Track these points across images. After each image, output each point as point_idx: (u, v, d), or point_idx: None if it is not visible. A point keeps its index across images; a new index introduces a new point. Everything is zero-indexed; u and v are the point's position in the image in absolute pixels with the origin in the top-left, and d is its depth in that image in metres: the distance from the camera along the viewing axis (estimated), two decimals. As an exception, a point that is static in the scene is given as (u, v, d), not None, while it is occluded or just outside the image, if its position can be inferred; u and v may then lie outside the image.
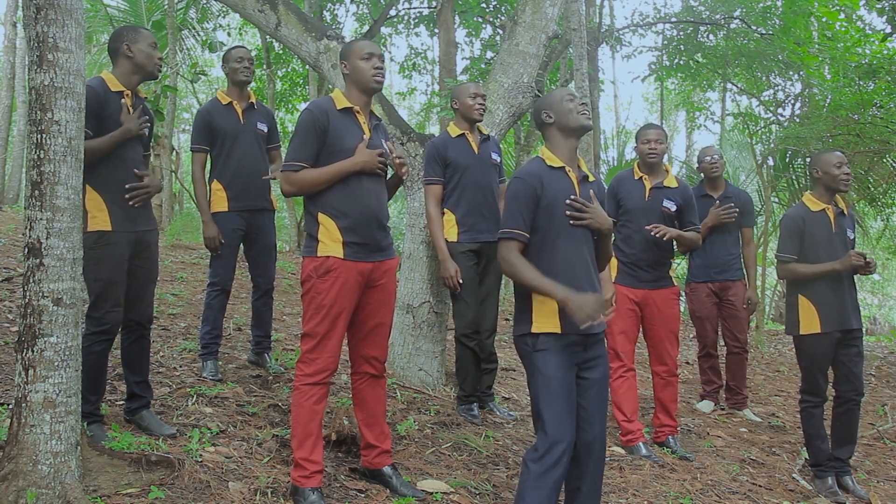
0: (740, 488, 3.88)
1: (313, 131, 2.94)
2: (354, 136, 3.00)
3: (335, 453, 3.42)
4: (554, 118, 2.81)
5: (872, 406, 5.96)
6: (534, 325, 2.69)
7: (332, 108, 3.00)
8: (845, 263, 3.87)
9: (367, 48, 3.05)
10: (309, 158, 2.94)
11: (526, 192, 2.70)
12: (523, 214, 2.70)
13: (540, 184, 2.71)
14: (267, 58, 12.34)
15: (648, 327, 4.25)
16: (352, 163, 2.95)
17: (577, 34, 7.22)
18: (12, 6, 12.58)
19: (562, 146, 2.82)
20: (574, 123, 2.80)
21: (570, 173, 2.78)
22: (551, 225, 2.70)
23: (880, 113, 7.90)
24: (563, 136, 2.82)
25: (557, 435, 2.60)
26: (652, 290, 4.20)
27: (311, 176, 2.94)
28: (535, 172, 2.74)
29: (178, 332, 5.14)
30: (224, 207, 4.26)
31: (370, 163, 2.96)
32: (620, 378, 4.19)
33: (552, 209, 2.71)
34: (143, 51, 3.27)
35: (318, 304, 2.90)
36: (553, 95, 2.86)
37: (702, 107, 15.42)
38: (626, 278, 4.19)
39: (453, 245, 4.16)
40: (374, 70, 3.02)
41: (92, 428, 3.12)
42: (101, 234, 3.12)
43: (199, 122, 4.32)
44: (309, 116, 2.96)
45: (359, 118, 3.05)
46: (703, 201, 5.23)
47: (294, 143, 2.98)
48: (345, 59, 3.08)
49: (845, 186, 3.99)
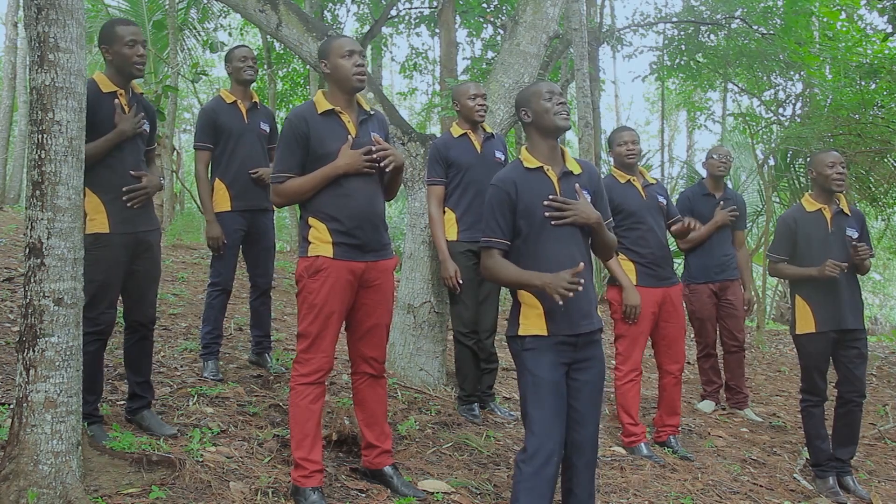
0: (741, 488, 3.88)
1: (294, 140, 2.92)
2: (338, 138, 2.95)
3: (336, 453, 3.42)
4: (532, 117, 2.75)
5: (873, 406, 5.96)
6: (521, 327, 2.70)
7: (311, 113, 2.96)
8: (821, 272, 3.88)
9: (347, 45, 2.98)
10: (293, 168, 2.93)
11: (499, 199, 2.69)
12: (499, 222, 2.69)
13: (514, 189, 2.68)
14: (268, 58, 12.35)
15: (663, 326, 4.22)
16: (333, 167, 2.90)
17: (577, 34, 7.23)
18: (13, 6, 12.59)
19: (540, 145, 2.77)
20: (550, 125, 2.73)
21: (549, 172, 2.73)
22: (532, 227, 2.68)
23: (881, 113, 7.89)
24: (540, 136, 2.77)
25: (545, 434, 2.59)
26: (668, 287, 4.21)
27: (296, 185, 2.92)
28: (509, 178, 2.71)
29: (179, 332, 5.14)
30: (227, 207, 4.26)
31: (353, 164, 2.91)
32: (631, 382, 4.16)
33: (530, 212, 2.67)
34: (119, 52, 3.19)
35: (310, 303, 2.90)
36: (531, 91, 2.77)
37: (703, 107, 15.43)
38: (648, 279, 4.15)
39: (453, 244, 4.16)
40: (355, 68, 2.96)
41: (93, 428, 3.12)
42: (98, 236, 3.11)
43: (204, 120, 4.31)
44: (288, 126, 2.93)
45: (342, 118, 2.99)
46: (704, 200, 5.23)
47: (277, 154, 2.97)
48: (324, 58, 3.01)
49: (838, 186, 3.99)
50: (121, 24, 3.24)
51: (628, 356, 4.16)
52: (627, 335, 4.14)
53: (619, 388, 4.17)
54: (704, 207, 5.20)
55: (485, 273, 2.77)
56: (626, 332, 4.14)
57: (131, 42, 3.19)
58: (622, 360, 4.17)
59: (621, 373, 4.16)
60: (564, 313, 2.65)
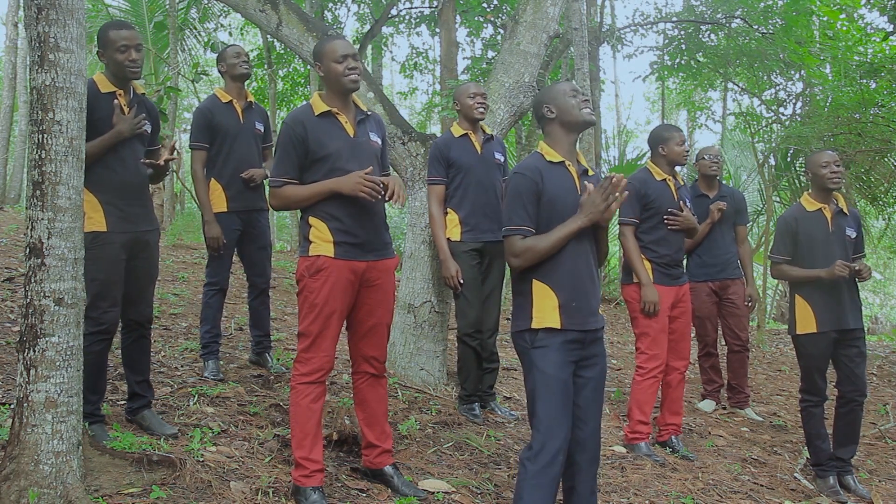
0: (742, 488, 3.88)
1: (291, 144, 2.93)
2: (337, 139, 2.97)
3: (337, 453, 3.42)
4: (556, 113, 2.78)
5: (874, 405, 5.96)
6: (534, 320, 2.67)
7: (308, 115, 2.97)
8: (830, 273, 3.87)
9: (340, 50, 2.99)
10: (291, 172, 2.94)
11: (528, 187, 2.68)
12: (527, 209, 2.67)
13: (541, 179, 2.68)
14: (268, 58, 12.35)
15: (673, 322, 4.21)
16: (337, 185, 2.89)
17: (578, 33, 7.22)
18: (14, 6, 12.60)
19: (562, 141, 2.79)
20: (578, 119, 2.76)
21: (570, 168, 2.76)
22: (553, 220, 2.67)
23: (882, 112, 7.89)
24: (564, 132, 2.79)
25: (552, 433, 2.59)
26: (680, 286, 4.21)
27: (294, 193, 2.94)
28: (536, 167, 2.71)
29: (179, 332, 5.14)
30: (223, 208, 4.26)
31: (354, 190, 2.87)
32: (653, 378, 4.13)
33: (553, 204, 2.68)
34: (111, 58, 3.20)
35: (311, 303, 2.90)
36: (555, 90, 2.82)
37: (703, 106, 15.43)
38: (665, 279, 4.14)
39: (456, 244, 4.17)
40: (347, 71, 2.97)
41: (93, 428, 3.12)
42: (97, 234, 3.12)
43: (200, 119, 4.30)
44: (286, 130, 2.95)
45: (339, 119, 3.01)
46: (698, 201, 5.22)
47: (276, 157, 2.98)
48: (318, 61, 3.03)
49: (833, 185, 3.99)
50: (113, 29, 3.25)
51: (652, 353, 4.12)
52: (650, 333, 4.12)
53: (640, 383, 4.13)
54: (699, 209, 5.19)
55: (515, 261, 2.67)
56: (648, 329, 4.12)
57: (123, 48, 3.19)
58: (646, 359, 4.13)
59: (644, 370, 4.13)
60: (577, 308, 2.65)
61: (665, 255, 4.15)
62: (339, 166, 2.94)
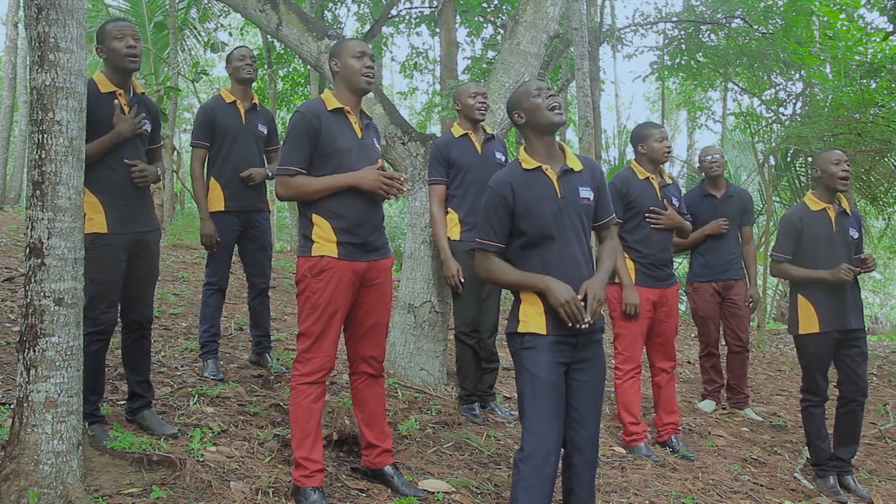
0: (742, 488, 3.88)
1: (306, 135, 2.91)
2: (347, 137, 2.98)
3: (336, 453, 3.42)
4: (525, 117, 2.73)
5: (874, 405, 5.96)
6: (520, 324, 2.68)
7: (322, 109, 2.97)
8: (835, 275, 3.86)
9: (359, 47, 3.02)
10: (303, 162, 2.93)
11: (494, 202, 2.68)
12: (493, 225, 2.68)
13: (510, 191, 2.66)
14: (268, 58, 12.35)
15: (659, 325, 4.22)
16: (356, 178, 2.91)
17: (578, 33, 7.22)
18: (14, 6, 12.60)
19: (537, 145, 2.74)
20: (543, 121, 2.69)
21: (548, 171, 2.71)
22: (534, 229, 2.66)
23: (882, 112, 7.89)
24: (536, 135, 2.74)
25: (542, 434, 2.58)
26: (666, 288, 4.20)
27: (306, 184, 2.92)
28: (505, 180, 2.69)
29: (179, 332, 5.14)
30: (221, 207, 4.27)
31: (373, 186, 2.92)
32: (632, 379, 4.16)
33: (531, 213, 2.65)
34: (109, 47, 3.20)
35: (314, 303, 2.90)
36: (520, 92, 2.75)
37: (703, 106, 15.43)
38: (647, 279, 4.14)
39: (456, 243, 4.17)
40: (364, 69, 2.99)
41: (93, 428, 3.12)
42: (97, 235, 3.11)
43: (202, 118, 4.31)
44: (301, 119, 2.92)
45: (350, 118, 3.02)
46: (705, 201, 5.25)
47: (287, 147, 2.95)
48: (335, 57, 3.05)
49: (843, 185, 3.97)
50: (111, 22, 3.27)
51: (628, 354, 4.15)
52: (626, 334, 4.14)
53: (620, 386, 4.17)
54: (706, 208, 5.22)
55: (481, 273, 2.77)
56: (624, 330, 4.14)
57: (119, 35, 3.19)
58: (622, 359, 4.16)
59: (622, 371, 4.16)
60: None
61: (649, 254, 4.14)
62: (347, 165, 2.94)
